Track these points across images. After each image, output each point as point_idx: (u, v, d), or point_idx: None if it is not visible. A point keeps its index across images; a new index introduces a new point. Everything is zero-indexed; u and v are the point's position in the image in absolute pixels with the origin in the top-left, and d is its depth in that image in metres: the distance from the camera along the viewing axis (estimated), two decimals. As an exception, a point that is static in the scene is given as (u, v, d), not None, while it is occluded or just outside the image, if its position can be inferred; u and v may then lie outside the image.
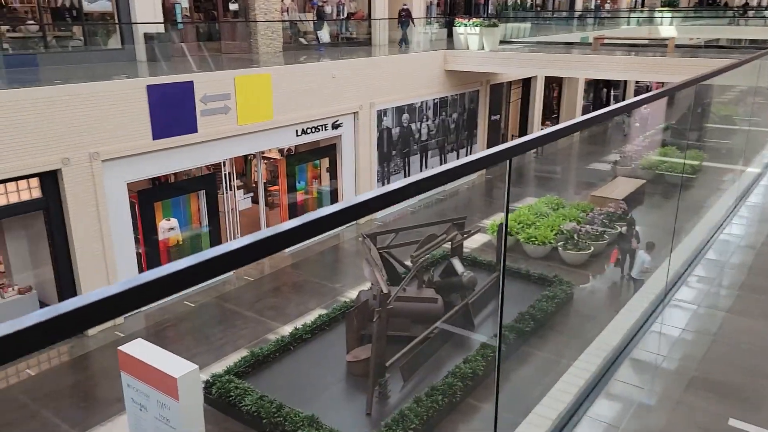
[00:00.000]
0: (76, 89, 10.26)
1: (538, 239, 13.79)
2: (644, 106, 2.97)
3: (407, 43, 20.25)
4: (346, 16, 21.40)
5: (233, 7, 17.49)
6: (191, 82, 11.87)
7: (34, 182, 10.25)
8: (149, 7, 14.34)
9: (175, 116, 11.64)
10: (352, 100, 15.61)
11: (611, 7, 38.79)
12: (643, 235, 12.18)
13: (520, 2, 30.56)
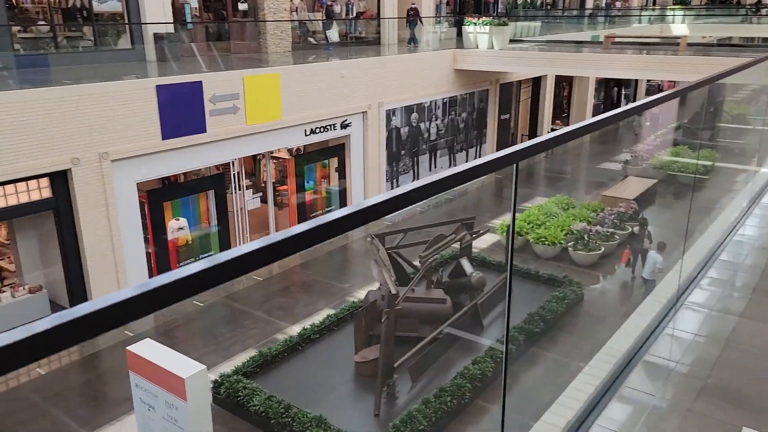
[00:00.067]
0: (86, 89, 10.30)
1: (547, 239, 13.69)
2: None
3: (416, 42, 20.20)
4: (355, 15, 21.38)
5: (242, 6, 17.52)
6: (200, 82, 11.89)
7: (44, 182, 10.31)
8: (159, 7, 14.38)
9: (184, 116, 11.67)
10: (360, 99, 15.58)
11: (622, 5, 38.51)
12: (654, 235, 12.06)
13: (530, 1, 30.39)
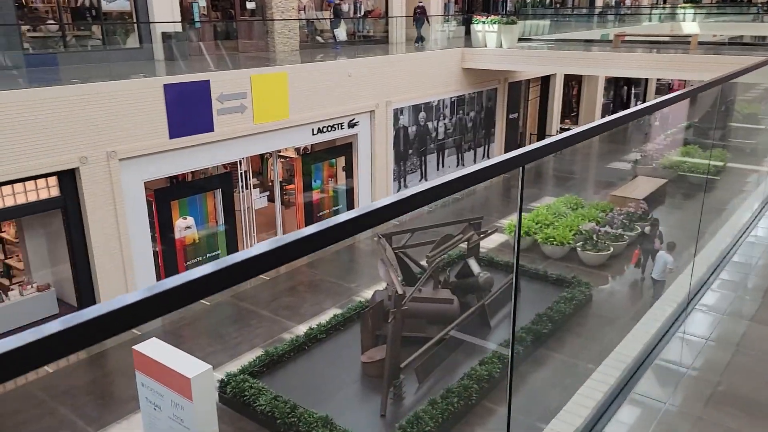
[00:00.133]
0: (94, 88, 10.32)
1: (556, 240, 13.60)
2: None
3: (422, 40, 20.12)
4: (363, 14, 21.35)
5: (250, 5, 17.52)
6: (208, 81, 11.89)
7: (52, 181, 10.34)
8: (167, 6, 14.40)
9: (191, 115, 11.67)
10: (368, 98, 15.53)
11: (632, 3, 38.26)
12: (664, 235, 11.95)
13: (539, -1, 30.26)
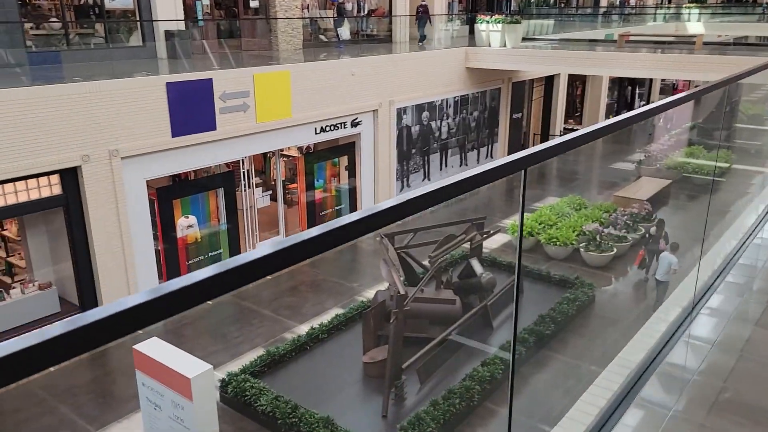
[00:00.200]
0: (96, 86, 10.29)
1: (559, 240, 13.54)
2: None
3: (424, 39, 20.06)
4: (366, 13, 21.30)
5: (254, 4, 17.50)
6: (210, 79, 11.86)
7: (54, 179, 10.32)
8: (170, 4, 14.38)
9: (194, 114, 11.64)
10: (371, 97, 15.49)
11: (637, 3, 38.12)
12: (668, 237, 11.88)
13: (543, -2, 30.16)
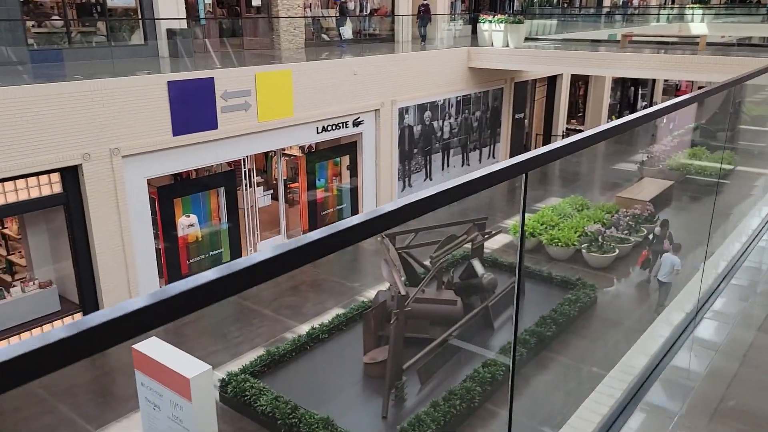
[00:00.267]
0: (97, 85, 10.26)
1: (561, 241, 13.49)
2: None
3: (425, 39, 20.00)
4: (369, 12, 21.25)
5: (256, 2, 17.46)
6: (212, 78, 11.82)
7: (55, 177, 10.28)
8: (172, 3, 14.34)
9: (195, 112, 11.61)
10: (373, 97, 15.44)
11: (640, 3, 38.01)
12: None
13: (546, -2, 30.08)
